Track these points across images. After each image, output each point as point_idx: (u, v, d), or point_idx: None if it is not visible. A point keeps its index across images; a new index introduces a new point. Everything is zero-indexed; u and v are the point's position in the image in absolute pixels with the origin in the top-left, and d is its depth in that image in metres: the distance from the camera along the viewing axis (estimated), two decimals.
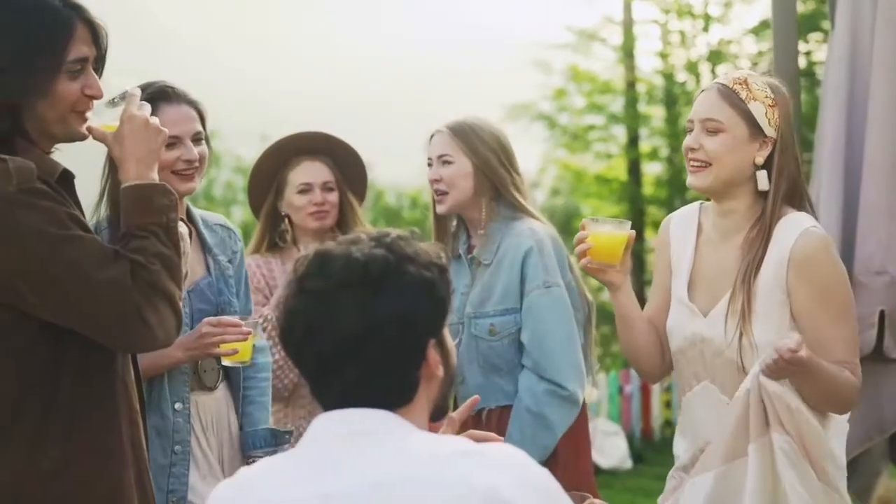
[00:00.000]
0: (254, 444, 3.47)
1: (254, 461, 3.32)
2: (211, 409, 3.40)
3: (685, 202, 12.55)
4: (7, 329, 2.42)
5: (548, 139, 13.93)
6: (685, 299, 3.04)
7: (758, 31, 12.43)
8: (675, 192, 12.77)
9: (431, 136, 3.89)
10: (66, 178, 2.53)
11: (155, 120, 2.62)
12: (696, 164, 2.96)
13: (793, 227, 2.91)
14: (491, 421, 3.71)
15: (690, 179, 2.99)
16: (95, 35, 2.55)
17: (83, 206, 2.60)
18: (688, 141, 2.97)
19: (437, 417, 1.97)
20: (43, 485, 2.43)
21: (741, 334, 2.92)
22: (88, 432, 2.48)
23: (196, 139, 3.35)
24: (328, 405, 1.84)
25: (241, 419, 3.48)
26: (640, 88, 13.51)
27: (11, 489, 2.42)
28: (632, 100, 13.35)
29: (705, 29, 13.07)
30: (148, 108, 2.63)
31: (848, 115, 4.00)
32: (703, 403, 3.01)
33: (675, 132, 13.03)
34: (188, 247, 2.95)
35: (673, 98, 13.19)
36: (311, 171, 4.07)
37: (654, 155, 13.52)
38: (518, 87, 13.76)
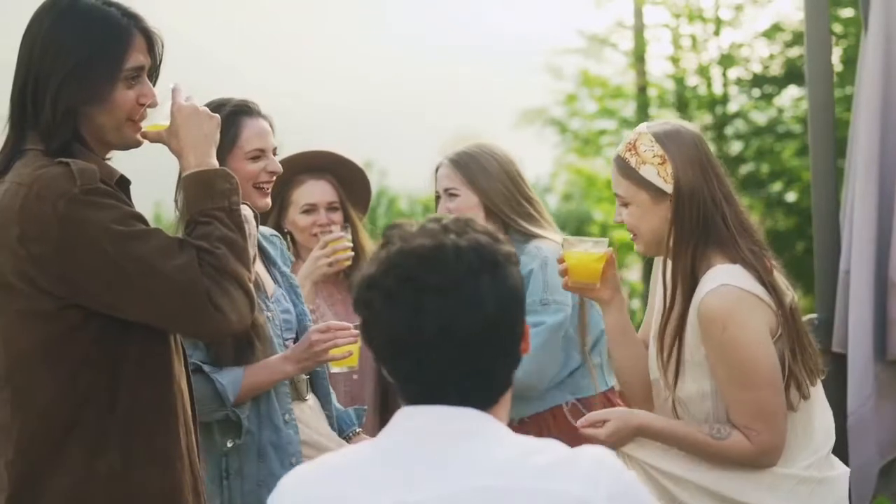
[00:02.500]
0: (349, 424, 3.52)
1: (349, 438, 3.46)
2: (303, 418, 3.36)
3: None
4: (68, 333, 2.45)
5: (559, 144, 13.95)
6: (655, 335, 3.03)
7: (769, 34, 12.42)
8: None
9: (437, 169, 3.91)
10: (123, 183, 2.57)
11: (205, 108, 2.65)
12: (630, 232, 2.99)
13: (709, 283, 2.84)
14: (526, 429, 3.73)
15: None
16: (151, 44, 2.59)
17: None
18: (615, 215, 3.00)
19: None
20: (101, 489, 2.46)
21: (674, 385, 2.93)
22: (146, 437, 2.51)
23: (274, 153, 3.39)
24: (438, 402, 1.80)
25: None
26: (652, 93, 13.51)
27: (70, 493, 2.45)
28: (643, 104, 13.35)
29: (716, 33, 13.07)
30: (194, 98, 2.66)
31: (882, 119, 3.99)
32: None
33: None
34: (254, 229, 2.96)
35: (684, 102, 13.19)
36: (315, 192, 4.07)
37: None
38: (530, 91, 13.78)
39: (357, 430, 3.55)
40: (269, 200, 3.39)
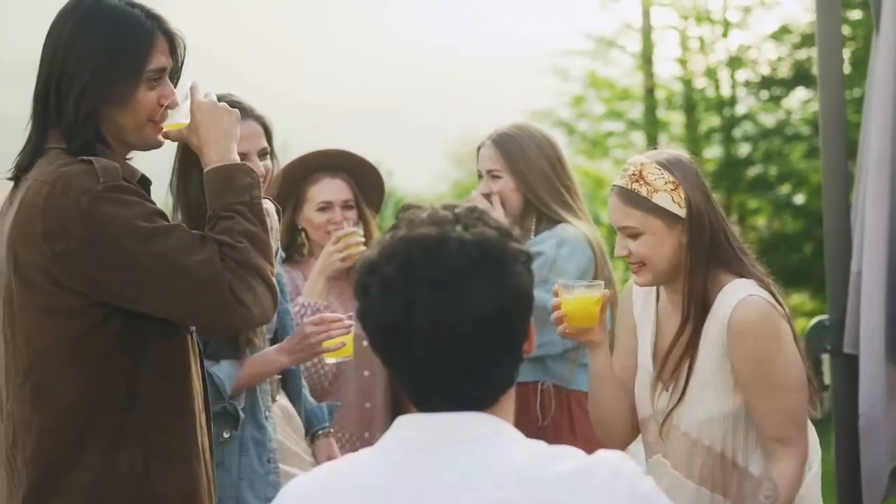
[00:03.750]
0: (320, 420, 3.59)
1: (317, 436, 3.55)
2: (276, 414, 3.43)
3: None
4: (90, 331, 2.46)
5: (567, 146, 13.93)
6: (650, 368, 3.04)
7: (777, 36, 12.41)
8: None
9: (479, 148, 3.93)
10: (144, 183, 2.60)
11: (224, 104, 2.67)
12: (633, 265, 2.97)
13: (731, 297, 2.89)
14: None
15: (634, 279, 3.01)
16: (173, 46, 2.61)
17: None
18: (617, 249, 2.98)
19: None
20: (120, 485, 2.48)
21: (686, 408, 2.93)
22: (164, 435, 2.53)
23: (262, 154, 3.38)
24: (436, 400, 1.76)
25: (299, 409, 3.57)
26: (659, 95, 13.51)
27: (90, 489, 2.46)
28: (651, 106, 13.34)
29: (724, 34, 13.06)
30: (213, 94, 2.68)
31: (894, 121, 3.97)
32: (654, 476, 3.00)
33: (694, 138, 13.03)
34: (276, 223, 2.98)
35: (692, 104, 13.19)
36: (331, 190, 4.11)
37: None
38: (537, 93, 13.78)
39: (326, 429, 3.60)
40: None
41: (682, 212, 2.90)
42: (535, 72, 13.84)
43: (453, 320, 1.71)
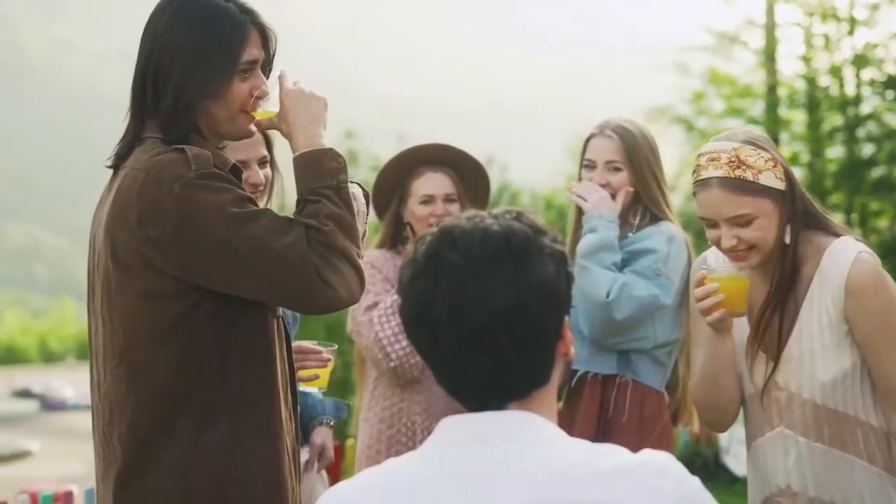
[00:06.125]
0: (320, 411, 3.69)
1: (316, 424, 3.66)
2: None
3: (827, 208, 12.33)
4: (184, 314, 2.55)
5: (685, 143, 13.81)
6: (749, 340, 3.02)
7: None
8: (816, 198, 12.55)
9: (590, 137, 3.93)
10: (236, 171, 2.67)
11: (312, 91, 2.73)
12: (738, 252, 2.93)
13: (843, 255, 2.88)
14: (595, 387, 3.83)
15: (739, 266, 2.94)
16: (266, 39, 2.70)
17: None
18: (724, 242, 2.91)
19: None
20: (209, 463, 2.55)
21: (809, 375, 2.91)
22: (252, 416, 2.60)
23: (261, 163, 3.41)
24: (466, 392, 1.77)
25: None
26: (782, 92, 13.31)
27: (180, 466, 2.54)
28: (772, 104, 13.17)
29: (850, 32, 12.82)
30: (301, 82, 2.75)
31: None
32: (776, 449, 3.01)
33: (816, 137, 12.80)
34: (363, 206, 3.05)
35: (815, 102, 12.97)
36: (434, 183, 4.18)
37: (794, 160, 13.32)
38: (656, 89, 13.69)
39: (326, 421, 3.69)
40: None
41: (783, 185, 2.90)
42: (656, 67, 13.74)
43: (471, 309, 1.70)
